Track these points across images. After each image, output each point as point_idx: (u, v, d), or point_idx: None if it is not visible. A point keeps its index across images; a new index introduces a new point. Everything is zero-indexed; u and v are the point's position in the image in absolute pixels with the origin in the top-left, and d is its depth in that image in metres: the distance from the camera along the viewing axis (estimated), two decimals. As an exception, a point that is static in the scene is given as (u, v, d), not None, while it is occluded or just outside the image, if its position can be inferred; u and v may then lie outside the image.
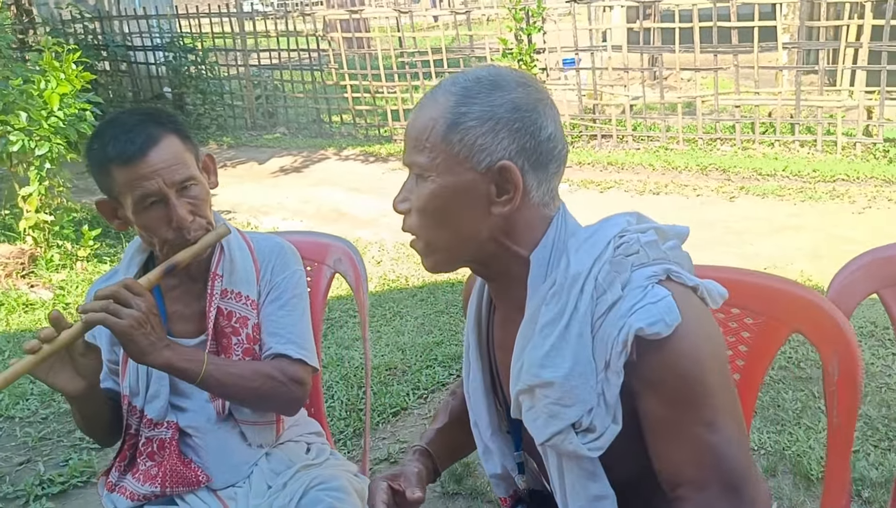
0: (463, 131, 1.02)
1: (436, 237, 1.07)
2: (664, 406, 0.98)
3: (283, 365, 1.55)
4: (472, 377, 1.22)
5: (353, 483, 1.60)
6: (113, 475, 1.60)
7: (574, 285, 1.01)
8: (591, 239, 1.05)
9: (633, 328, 0.96)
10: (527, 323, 1.06)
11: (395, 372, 3.32)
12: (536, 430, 1.06)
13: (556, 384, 1.01)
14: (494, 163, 1.02)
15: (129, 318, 1.35)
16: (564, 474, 1.06)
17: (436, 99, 1.05)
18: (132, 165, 1.40)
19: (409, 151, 1.06)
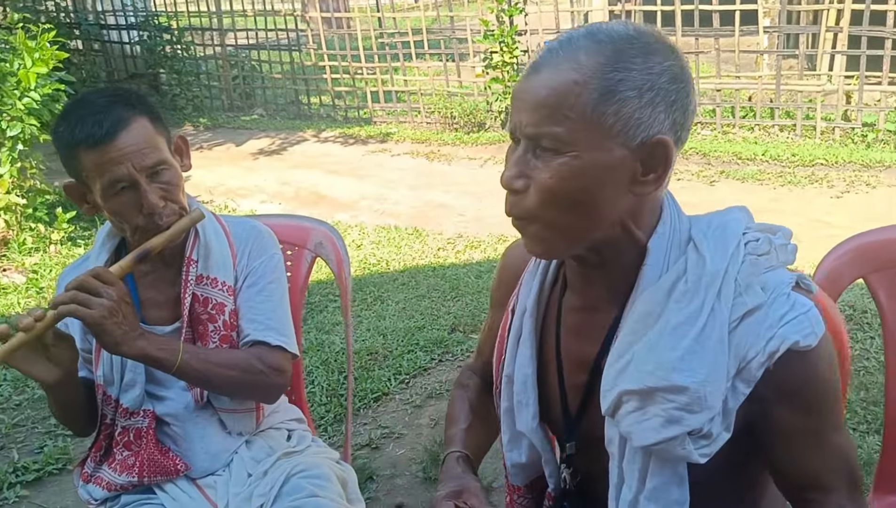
0: (620, 103, 0.89)
1: (562, 221, 0.94)
2: (801, 415, 0.96)
3: (261, 352, 1.51)
4: (519, 361, 1.12)
5: (334, 469, 1.58)
6: (89, 465, 1.56)
7: (712, 285, 0.94)
8: (719, 233, 0.98)
9: (788, 340, 0.92)
10: (640, 317, 0.97)
11: (377, 357, 3.30)
12: (642, 433, 0.97)
13: (689, 389, 0.93)
14: (650, 138, 0.91)
15: (99, 308, 1.31)
16: (649, 477, 0.99)
17: (576, 58, 0.91)
18: (100, 148, 1.36)
19: (538, 119, 0.91)
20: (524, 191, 0.94)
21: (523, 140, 0.93)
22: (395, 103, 7.97)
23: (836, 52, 6.57)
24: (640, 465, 1.00)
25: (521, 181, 0.93)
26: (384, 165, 6.68)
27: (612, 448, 1.03)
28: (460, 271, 4.20)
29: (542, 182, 0.92)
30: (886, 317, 1.50)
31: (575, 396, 1.10)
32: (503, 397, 1.16)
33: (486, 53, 7.17)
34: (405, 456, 2.61)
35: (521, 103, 0.93)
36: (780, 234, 1.01)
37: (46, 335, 1.31)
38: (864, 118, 6.35)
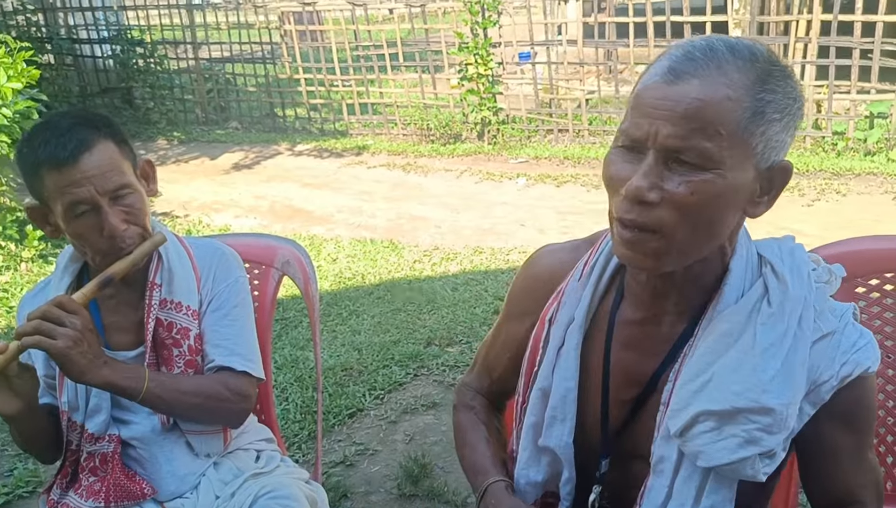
0: (767, 124, 0.89)
1: (689, 238, 0.92)
2: (851, 436, 1.02)
3: (226, 378, 1.50)
4: (561, 375, 1.09)
5: (303, 490, 1.56)
6: (55, 492, 1.54)
7: (795, 310, 0.97)
8: (790, 260, 1.01)
9: (861, 366, 0.97)
10: (721, 337, 0.98)
11: (352, 373, 3.28)
12: (715, 453, 0.97)
13: (776, 411, 0.95)
14: (779, 161, 0.93)
15: (64, 338, 1.28)
16: (705, 496, 1.00)
17: (726, 72, 0.88)
18: (63, 170, 1.34)
19: (686, 131, 0.87)
20: (656, 204, 0.89)
21: (656, 151, 0.89)
22: (370, 116, 7.96)
23: (806, 62, 6.66)
24: (697, 483, 1.00)
25: (656, 193, 0.89)
26: (360, 177, 6.67)
27: (661, 467, 1.03)
28: (436, 284, 4.20)
29: (681, 197, 0.88)
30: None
31: (620, 411, 1.09)
32: (530, 411, 1.12)
33: (461, 65, 7.19)
34: (380, 473, 2.60)
35: (662, 112, 0.88)
36: (837, 266, 1.06)
37: (10, 368, 1.29)
38: (835, 127, 6.44)
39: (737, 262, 0.99)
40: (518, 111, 7.48)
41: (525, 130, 7.42)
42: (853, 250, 1.54)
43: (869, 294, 1.52)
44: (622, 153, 0.93)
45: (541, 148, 7.03)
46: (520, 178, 6.07)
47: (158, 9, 8.70)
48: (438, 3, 7.58)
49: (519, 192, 5.83)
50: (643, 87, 0.92)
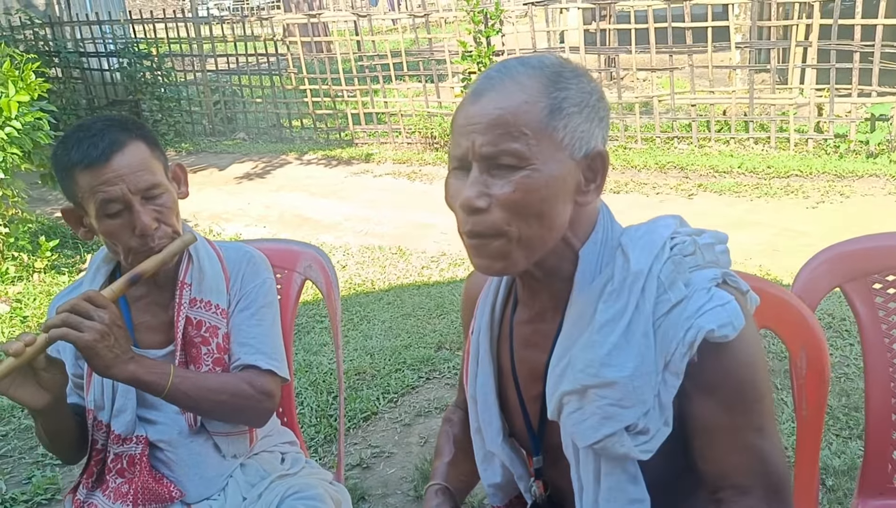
0: (567, 118, 0.96)
1: (525, 233, 0.97)
2: (719, 411, 0.98)
3: (252, 377, 1.53)
4: (480, 381, 1.16)
5: (328, 490, 1.59)
6: (81, 492, 1.56)
7: (636, 283, 0.99)
8: (646, 237, 1.03)
9: (703, 329, 0.95)
10: (575, 321, 1.02)
11: (365, 377, 3.31)
12: (583, 432, 1.00)
13: (618, 383, 0.97)
14: (591, 150, 0.99)
15: (91, 331, 1.31)
16: (602, 478, 1.02)
17: (518, 81, 0.97)
18: (95, 169, 1.38)
19: (495, 138, 0.95)
20: (486, 209, 0.96)
21: (477, 162, 0.96)
22: (375, 125, 8.02)
23: (807, 65, 6.71)
24: (592, 467, 1.03)
25: (484, 200, 0.96)
26: (367, 186, 6.72)
27: (568, 454, 1.06)
28: (445, 289, 4.24)
29: (505, 197, 0.95)
30: (863, 325, 1.54)
31: (534, 407, 1.12)
32: (472, 419, 1.19)
33: (464, 74, 7.25)
34: (396, 475, 2.63)
35: (472, 127, 0.96)
36: (706, 235, 1.05)
37: (38, 360, 1.32)
38: (836, 129, 6.48)
39: (588, 249, 1.03)
40: (522, 118, 7.52)
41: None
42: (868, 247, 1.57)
43: (886, 290, 1.55)
44: (455, 175, 1.01)
45: (545, 155, 7.07)
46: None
47: (165, 22, 8.77)
48: (442, 13, 7.64)
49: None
50: (457, 112, 1.01)
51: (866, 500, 1.58)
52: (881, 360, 1.53)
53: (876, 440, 1.56)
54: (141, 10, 9.78)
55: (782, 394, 2.90)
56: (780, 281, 3.98)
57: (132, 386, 1.45)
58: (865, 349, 1.54)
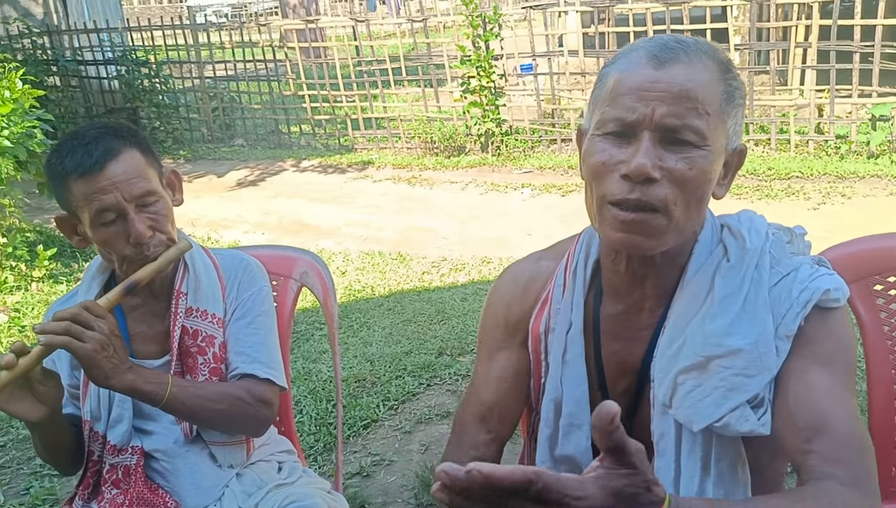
0: (736, 108, 0.98)
1: (685, 214, 0.96)
2: (821, 365, 0.98)
3: (249, 385, 1.51)
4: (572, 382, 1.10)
5: (326, 500, 1.57)
6: (77, 503, 1.54)
7: (752, 259, 1.01)
8: (752, 222, 1.06)
9: (819, 289, 0.98)
10: (688, 302, 1.02)
11: (365, 384, 3.29)
12: (703, 410, 0.98)
13: (744, 351, 0.97)
14: (738, 145, 1.01)
15: (92, 341, 1.29)
16: (713, 464, 1.00)
17: (702, 59, 0.95)
18: (90, 177, 1.36)
19: (682, 111, 0.93)
20: (657, 181, 0.93)
21: (651, 131, 0.93)
22: (375, 130, 8.01)
23: (806, 66, 6.70)
24: (702, 453, 1.01)
25: (658, 171, 0.93)
26: (366, 191, 6.70)
27: (663, 444, 1.03)
28: (445, 295, 4.21)
29: (682, 173, 0.93)
30: (865, 326, 1.52)
31: (621, 403, 1.08)
32: (544, 424, 1.13)
33: (463, 78, 7.24)
34: (396, 483, 2.60)
35: (657, 94, 0.93)
36: (797, 227, 1.09)
37: (34, 373, 1.30)
38: (837, 130, 6.46)
39: (705, 234, 1.05)
40: (521, 122, 7.52)
41: (528, 141, 7.46)
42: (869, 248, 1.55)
43: (887, 292, 1.53)
44: (610, 140, 0.96)
45: (545, 158, 7.07)
46: (524, 188, 6.10)
47: (163, 29, 8.78)
48: (440, 18, 7.64)
49: (524, 202, 5.85)
50: (625, 74, 0.96)
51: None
52: (883, 362, 1.51)
53: (879, 443, 1.54)
54: (139, 17, 9.79)
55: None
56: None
57: (130, 396, 1.43)
58: (867, 351, 1.52)
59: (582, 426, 1.10)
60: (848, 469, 0.91)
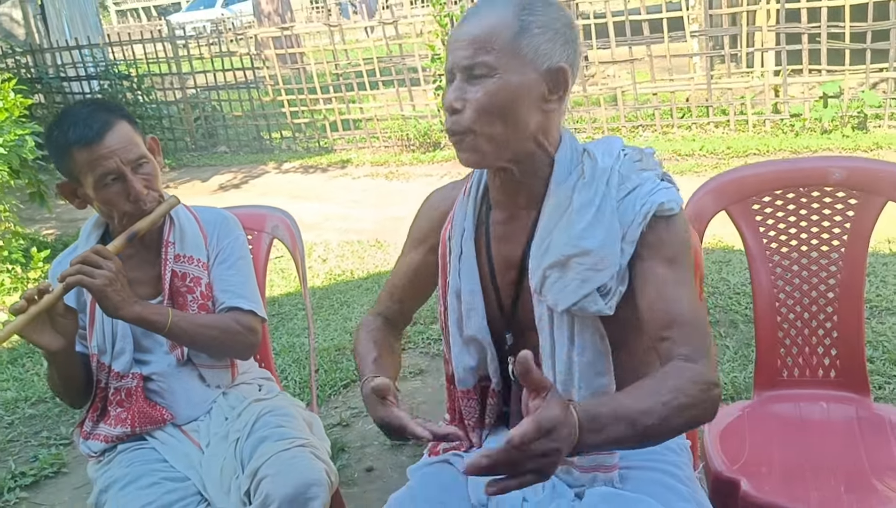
0: (530, 37, 1.19)
1: (493, 131, 1.20)
2: (665, 265, 1.22)
3: (236, 316, 1.78)
4: (465, 274, 1.37)
5: (300, 412, 1.84)
6: (87, 425, 1.81)
7: (603, 176, 1.25)
8: (607, 145, 1.30)
9: (656, 203, 1.22)
10: (552, 211, 1.27)
11: (344, 352, 3.55)
12: (565, 296, 1.24)
13: (593, 251, 1.22)
14: (554, 65, 1.21)
15: (101, 278, 1.56)
16: (576, 337, 1.26)
17: (496, 8, 1.21)
18: (92, 147, 1.63)
19: (472, 52, 1.19)
20: (461, 110, 1.21)
21: (459, 73, 1.21)
22: (353, 131, 8.28)
23: (755, 49, 7.02)
24: (567, 328, 1.27)
25: (459, 102, 1.21)
26: (346, 187, 6.97)
27: (541, 324, 1.30)
28: (420, 274, 4.47)
29: (476, 100, 1.19)
30: (747, 239, 1.81)
31: (507, 292, 1.37)
32: (450, 310, 1.40)
33: (435, 77, 7.53)
34: (373, 430, 2.87)
35: (457, 44, 1.21)
36: (647, 148, 1.34)
37: (57, 307, 1.57)
38: (792, 109, 6.78)
39: (561, 154, 1.28)
40: (493, 116, 7.80)
41: (501, 134, 7.74)
42: (747, 174, 1.84)
43: (763, 209, 1.82)
44: (448, 85, 1.24)
45: (516, 149, 7.34)
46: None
47: (143, 43, 9.02)
48: (410, 19, 7.92)
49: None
50: (450, 34, 1.26)
51: (762, 391, 1.85)
52: (764, 268, 1.80)
53: (764, 341, 1.83)
54: (119, 33, 10.02)
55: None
56: (730, 247, 4.26)
57: (138, 325, 1.69)
58: (750, 260, 1.81)
59: (477, 310, 1.37)
60: (692, 349, 1.18)
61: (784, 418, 1.77)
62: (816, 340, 1.82)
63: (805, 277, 1.82)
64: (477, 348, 1.40)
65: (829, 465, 1.60)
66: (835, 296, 1.80)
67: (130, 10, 28.21)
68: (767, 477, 1.57)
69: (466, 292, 1.38)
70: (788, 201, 1.80)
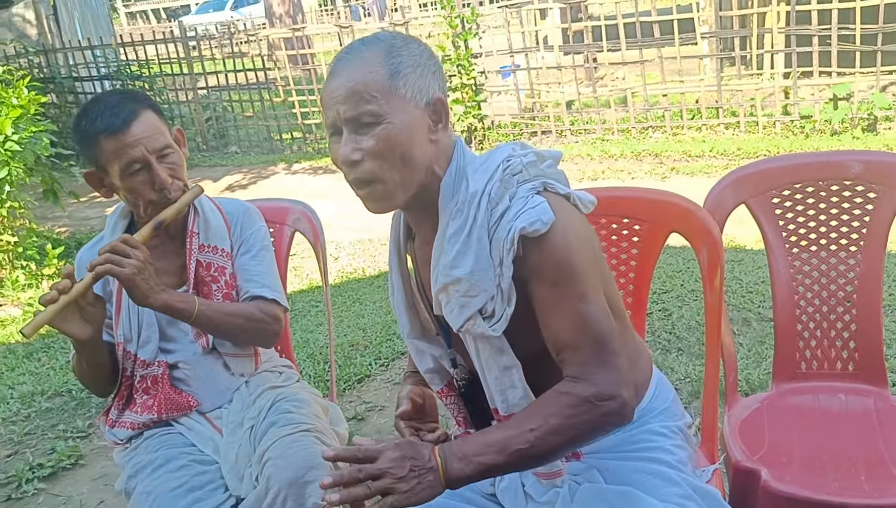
0: (403, 78, 1.20)
1: (395, 175, 1.20)
2: (546, 287, 1.21)
3: (260, 305, 1.80)
4: (396, 294, 1.43)
5: (315, 399, 1.86)
6: (113, 413, 1.83)
7: (472, 201, 1.23)
8: (485, 164, 1.26)
9: (517, 228, 1.18)
10: (439, 237, 1.27)
11: (358, 347, 3.58)
12: (453, 319, 1.27)
13: (463, 279, 1.23)
14: (432, 98, 1.22)
15: (130, 266, 1.58)
16: (480, 352, 1.28)
17: (363, 58, 1.21)
18: (118, 135, 1.65)
19: (352, 105, 1.18)
20: (360, 160, 1.20)
21: (345, 125, 1.20)
22: (362, 131, 8.30)
23: (765, 51, 7.03)
24: (473, 346, 1.30)
25: (357, 153, 1.19)
26: (356, 187, 7.00)
27: (461, 338, 1.32)
28: (432, 272, 4.50)
29: (371, 148, 1.19)
30: (766, 233, 1.82)
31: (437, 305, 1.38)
32: (399, 321, 1.46)
33: (446, 77, 7.55)
34: (388, 424, 2.89)
35: (335, 99, 1.20)
36: (530, 154, 1.28)
37: (87, 296, 1.59)
38: (802, 111, 6.79)
39: (445, 179, 1.26)
40: (502, 116, 7.84)
41: (510, 135, 7.78)
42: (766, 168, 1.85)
43: (783, 203, 1.83)
44: (334, 140, 1.24)
45: (526, 150, 7.36)
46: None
47: (155, 44, 9.08)
48: (420, 20, 7.96)
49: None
50: (322, 92, 1.26)
51: (780, 384, 1.86)
52: (783, 262, 1.82)
53: (783, 333, 1.84)
54: (131, 34, 10.08)
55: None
56: (742, 246, 4.27)
57: (165, 313, 1.70)
58: (769, 254, 1.82)
59: (406, 324, 1.43)
60: (577, 369, 1.20)
61: (803, 409, 1.78)
62: (835, 332, 1.84)
63: (824, 270, 1.83)
64: (429, 355, 1.43)
65: (848, 455, 1.61)
66: (853, 289, 1.81)
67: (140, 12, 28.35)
68: (787, 467, 1.59)
69: (397, 305, 1.43)
70: (808, 195, 1.82)
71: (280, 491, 1.55)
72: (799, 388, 1.84)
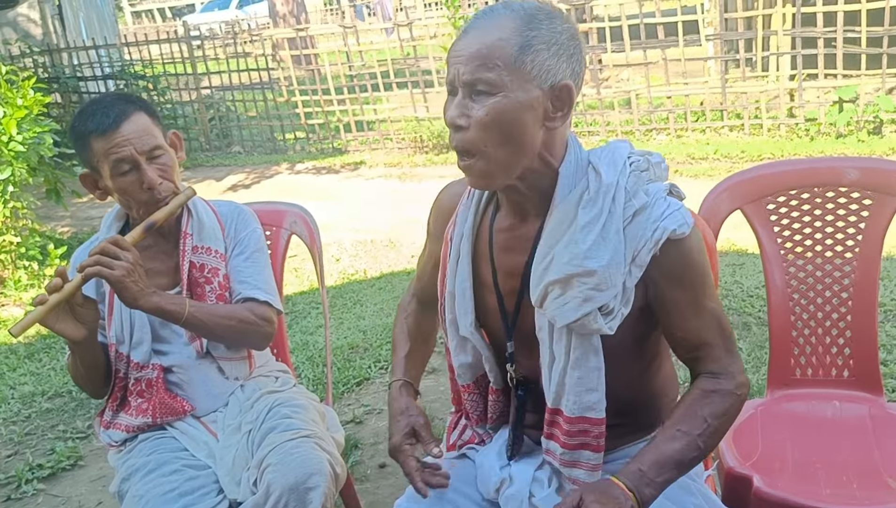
0: (534, 54, 1.15)
1: (497, 151, 1.17)
2: (683, 289, 1.24)
3: (252, 306, 1.80)
4: (459, 278, 1.36)
5: (312, 404, 1.86)
6: (107, 414, 1.84)
7: (608, 193, 1.21)
8: (611, 156, 1.25)
9: (667, 229, 1.20)
10: (556, 225, 1.24)
11: (358, 349, 3.58)
12: (564, 314, 1.23)
13: (598, 271, 1.19)
14: (557, 82, 1.17)
15: (119, 268, 1.58)
16: (572, 350, 1.26)
17: (499, 22, 1.16)
18: (107, 135, 1.66)
19: (473, 68, 1.14)
20: (466, 127, 1.17)
21: (461, 88, 1.17)
22: (366, 132, 8.32)
23: (771, 53, 7.01)
24: (565, 342, 1.27)
25: (463, 119, 1.17)
26: (359, 188, 7.01)
27: (542, 335, 1.30)
28: (433, 274, 4.50)
29: (479, 118, 1.16)
30: (761, 238, 1.82)
31: (510, 301, 1.36)
32: (447, 310, 1.41)
33: (448, 78, 7.54)
34: (386, 427, 2.87)
35: (458, 59, 1.17)
36: (655, 155, 1.31)
37: (76, 297, 1.59)
38: (807, 113, 6.76)
39: (565, 168, 1.24)
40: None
41: (514, 136, 7.76)
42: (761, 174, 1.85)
43: (778, 209, 1.83)
44: (449, 99, 1.21)
45: (529, 151, 7.35)
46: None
47: (159, 44, 9.10)
48: (424, 21, 7.96)
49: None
50: (451, 46, 1.21)
51: (775, 390, 1.85)
52: (779, 268, 1.81)
53: (778, 340, 1.84)
54: (136, 34, 10.11)
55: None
56: (744, 250, 4.26)
57: (156, 316, 1.71)
58: (765, 260, 1.81)
59: (467, 314, 1.37)
60: (717, 364, 1.28)
61: (797, 416, 1.78)
62: (830, 339, 1.83)
63: (819, 276, 1.82)
64: (472, 348, 1.41)
65: (841, 462, 1.61)
66: (849, 296, 1.80)
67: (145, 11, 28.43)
68: (780, 474, 1.58)
69: (459, 294, 1.38)
70: (803, 201, 1.81)
71: (281, 498, 1.55)
72: (794, 395, 1.83)
